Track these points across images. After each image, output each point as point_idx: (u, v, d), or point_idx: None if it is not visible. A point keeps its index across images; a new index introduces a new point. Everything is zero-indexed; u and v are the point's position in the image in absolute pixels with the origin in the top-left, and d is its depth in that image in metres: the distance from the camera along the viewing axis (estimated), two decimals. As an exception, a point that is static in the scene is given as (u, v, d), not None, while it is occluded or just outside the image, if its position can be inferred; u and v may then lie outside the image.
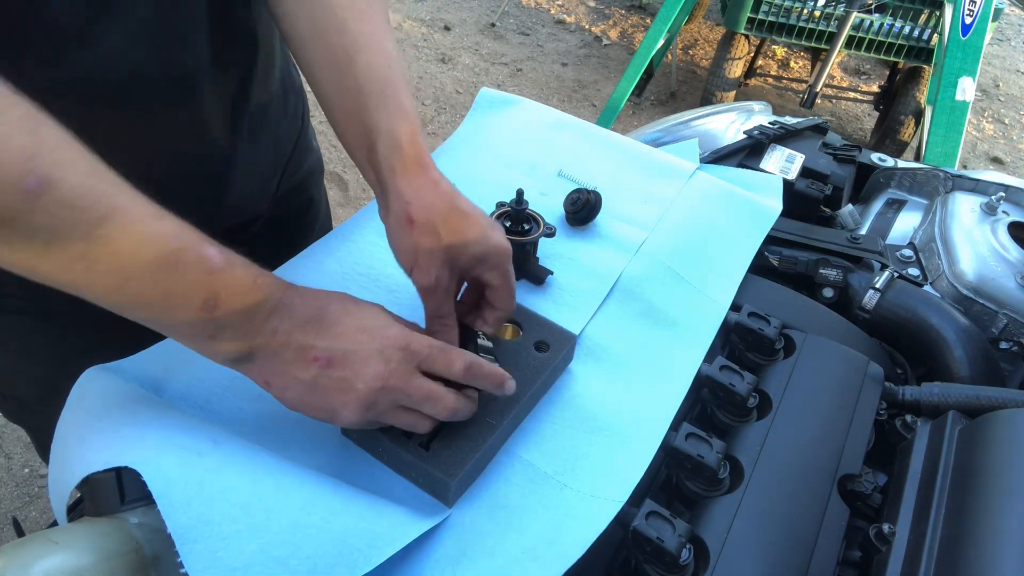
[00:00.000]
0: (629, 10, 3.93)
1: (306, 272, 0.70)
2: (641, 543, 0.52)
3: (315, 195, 0.94)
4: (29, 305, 0.69)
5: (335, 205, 2.50)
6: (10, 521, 0.69)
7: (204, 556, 0.42)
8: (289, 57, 0.80)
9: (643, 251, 0.78)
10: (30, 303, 0.68)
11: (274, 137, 0.78)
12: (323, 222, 0.99)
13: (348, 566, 0.45)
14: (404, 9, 3.66)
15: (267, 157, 0.78)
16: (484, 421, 0.56)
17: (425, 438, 0.54)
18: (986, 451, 0.57)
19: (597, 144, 0.92)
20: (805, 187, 0.94)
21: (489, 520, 0.53)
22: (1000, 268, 0.84)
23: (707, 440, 0.58)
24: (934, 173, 1.02)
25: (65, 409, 0.53)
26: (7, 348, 0.75)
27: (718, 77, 2.98)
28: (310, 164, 0.90)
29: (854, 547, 0.57)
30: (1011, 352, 0.81)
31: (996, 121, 3.42)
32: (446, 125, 2.92)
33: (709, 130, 1.09)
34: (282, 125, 0.80)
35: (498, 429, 0.56)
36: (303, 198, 0.91)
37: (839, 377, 0.67)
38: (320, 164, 0.95)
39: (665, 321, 0.71)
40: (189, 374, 0.59)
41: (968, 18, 2.23)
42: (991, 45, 3.94)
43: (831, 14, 2.75)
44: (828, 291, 0.83)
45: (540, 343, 0.63)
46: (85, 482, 0.46)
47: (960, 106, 2.25)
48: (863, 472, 0.61)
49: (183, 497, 0.44)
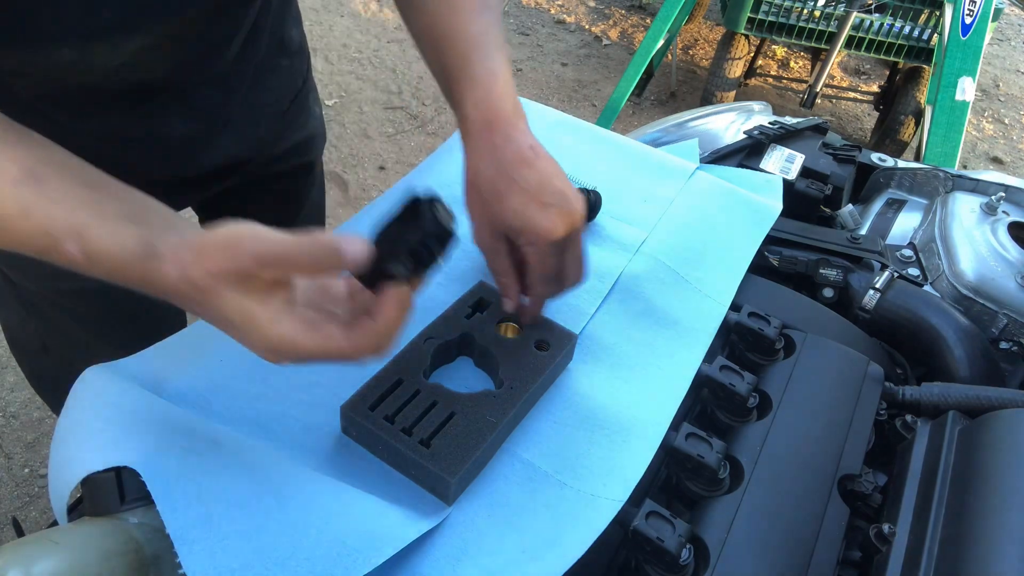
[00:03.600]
0: (629, 10, 3.93)
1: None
2: (641, 543, 0.52)
3: (315, 159, 0.97)
4: None
5: (335, 205, 2.50)
6: (10, 521, 0.70)
7: (203, 556, 0.42)
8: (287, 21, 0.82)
9: (643, 251, 0.78)
10: None
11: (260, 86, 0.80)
12: (319, 188, 1.02)
13: (347, 567, 0.45)
14: (404, 9, 3.66)
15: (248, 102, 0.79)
16: (484, 419, 0.56)
17: (426, 435, 0.54)
18: (986, 451, 0.57)
19: (597, 144, 0.92)
20: (805, 187, 0.94)
21: (489, 519, 0.53)
22: (1000, 268, 0.84)
23: (707, 440, 0.58)
24: (934, 173, 1.02)
25: (64, 408, 0.53)
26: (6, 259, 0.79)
27: (718, 77, 2.97)
28: (312, 127, 0.93)
29: (854, 547, 0.57)
30: (1011, 352, 0.81)
31: (996, 121, 3.42)
32: (446, 125, 2.92)
33: (709, 130, 1.09)
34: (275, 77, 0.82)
35: (498, 427, 0.56)
36: (305, 160, 0.94)
37: (839, 377, 0.67)
38: (322, 130, 0.97)
39: (665, 321, 0.71)
40: (189, 374, 0.59)
41: (968, 18, 2.22)
42: (991, 45, 3.94)
43: (831, 14, 2.75)
44: (828, 291, 0.83)
45: (540, 342, 0.63)
46: (85, 482, 0.46)
47: (960, 106, 2.25)
48: (863, 472, 0.61)
49: (182, 497, 0.44)
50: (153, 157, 0.51)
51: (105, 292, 0.83)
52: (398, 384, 0.58)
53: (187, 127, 0.72)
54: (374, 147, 2.76)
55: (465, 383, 0.63)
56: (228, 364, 0.60)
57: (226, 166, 0.80)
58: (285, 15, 0.81)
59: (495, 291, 0.66)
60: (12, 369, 1.83)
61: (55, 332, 0.89)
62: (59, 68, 0.56)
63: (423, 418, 0.56)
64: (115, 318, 0.86)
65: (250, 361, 0.61)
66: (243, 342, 0.47)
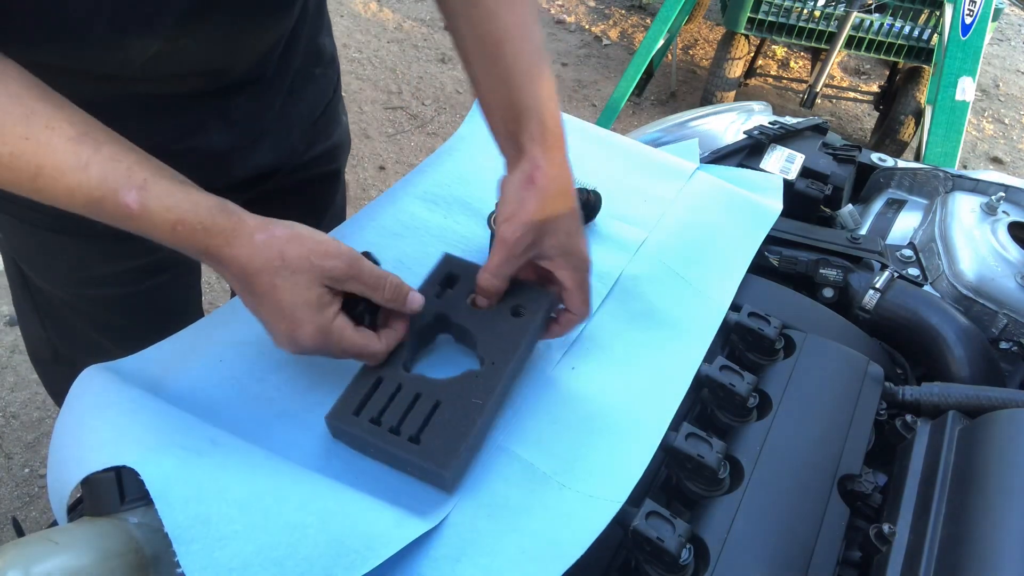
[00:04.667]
0: (629, 10, 3.93)
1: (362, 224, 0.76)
2: (641, 543, 0.52)
3: (340, 167, 0.98)
4: (51, 222, 0.73)
5: (335, 205, 2.50)
6: (10, 521, 0.70)
7: (201, 556, 0.42)
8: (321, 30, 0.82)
9: (643, 251, 0.78)
10: (53, 220, 0.73)
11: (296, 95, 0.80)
12: (342, 194, 1.02)
13: (345, 568, 0.45)
14: (404, 9, 3.66)
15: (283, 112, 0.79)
16: (470, 403, 0.56)
17: (414, 431, 0.54)
18: (986, 451, 0.57)
19: (597, 144, 0.92)
20: (805, 187, 0.94)
21: (488, 520, 0.53)
22: (1000, 268, 0.84)
23: (707, 440, 0.58)
24: (934, 173, 1.02)
25: (64, 408, 0.53)
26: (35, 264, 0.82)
27: (718, 77, 2.97)
28: (339, 135, 0.93)
29: (854, 547, 0.57)
30: (1011, 352, 0.81)
31: (996, 121, 3.42)
32: (446, 125, 2.92)
33: (709, 130, 1.09)
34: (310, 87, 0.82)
35: (486, 409, 0.56)
36: (331, 168, 0.94)
37: (839, 377, 0.67)
38: (348, 138, 0.97)
39: (665, 321, 0.71)
40: (189, 374, 0.59)
41: (968, 18, 2.22)
42: (991, 45, 3.94)
43: (831, 14, 2.75)
44: (828, 291, 0.83)
45: (516, 307, 0.62)
46: (85, 482, 0.46)
47: (960, 106, 2.25)
48: (863, 472, 0.61)
49: (181, 497, 0.44)
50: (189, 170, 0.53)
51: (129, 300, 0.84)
52: (379, 383, 0.57)
53: (225, 139, 0.73)
54: (374, 147, 2.76)
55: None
56: (228, 364, 0.60)
57: (257, 176, 0.80)
58: (320, 24, 0.81)
59: (463, 263, 0.65)
60: (12, 369, 1.83)
61: (72, 339, 0.90)
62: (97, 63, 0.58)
63: (408, 413, 0.55)
64: (137, 326, 0.86)
65: (249, 361, 0.61)
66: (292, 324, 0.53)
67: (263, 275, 0.52)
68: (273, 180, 0.83)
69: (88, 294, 0.83)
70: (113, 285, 0.82)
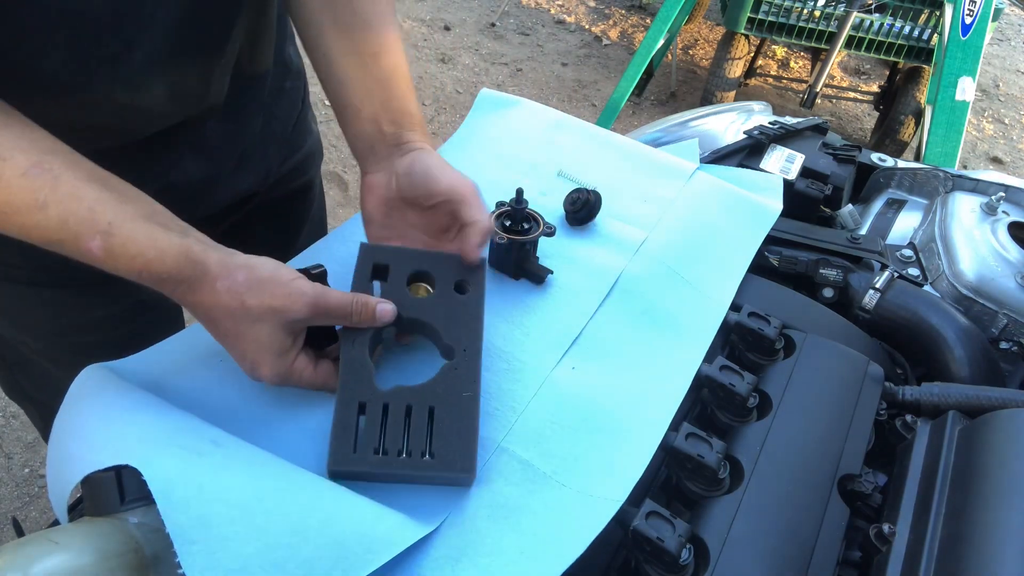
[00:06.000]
0: (629, 10, 3.93)
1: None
2: (641, 543, 0.52)
3: (313, 177, 0.97)
4: (29, 275, 0.71)
5: (335, 205, 2.50)
6: (10, 521, 0.70)
7: (202, 557, 0.42)
8: (286, 40, 0.81)
9: (643, 251, 0.78)
10: (31, 272, 0.70)
11: (269, 114, 0.79)
12: (319, 204, 1.01)
13: (345, 570, 0.45)
14: (404, 9, 3.66)
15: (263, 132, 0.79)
16: (461, 397, 0.56)
17: (424, 446, 0.54)
18: (986, 451, 0.57)
19: (597, 144, 0.92)
20: (805, 187, 0.94)
21: (488, 519, 0.53)
22: (1000, 268, 0.84)
23: (707, 440, 0.58)
24: (934, 173, 1.02)
25: (62, 408, 0.53)
26: (9, 316, 0.78)
27: (718, 77, 2.98)
28: (309, 145, 0.92)
29: (854, 547, 0.57)
30: (1011, 352, 0.81)
31: (996, 121, 3.42)
32: (446, 125, 2.92)
33: (709, 130, 1.09)
34: (283, 102, 0.82)
35: (477, 398, 0.56)
36: (303, 180, 0.93)
37: (839, 377, 0.67)
38: (319, 147, 0.96)
39: (665, 321, 0.71)
40: (189, 374, 0.59)
41: (968, 18, 2.23)
42: (991, 45, 3.94)
43: (831, 14, 2.75)
44: (828, 291, 0.83)
45: (458, 283, 0.61)
46: (85, 482, 0.46)
47: (960, 106, 2.25)
48: (863, 472, 0.61)
49: (182, 497, 0.44)
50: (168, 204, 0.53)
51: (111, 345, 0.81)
52: (363, 409, 0.55)
53: (202, 170, 0.72)
54: (374, 147, 2.76)
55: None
56: (228, 364, 0.60)
57: (236, 202, 0.80)
58: (284, 33, 0.80)
59: (385, 249, 0.63)
60: (12, 369, 1.83)
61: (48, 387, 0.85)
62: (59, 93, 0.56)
63: (408, 430, 0.54)
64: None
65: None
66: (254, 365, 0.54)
67: (226, 321, 0.53)
68: (251, 203, 0.83)
69: (67, 342, 0.79)
70: (95, 331, 0.79)
